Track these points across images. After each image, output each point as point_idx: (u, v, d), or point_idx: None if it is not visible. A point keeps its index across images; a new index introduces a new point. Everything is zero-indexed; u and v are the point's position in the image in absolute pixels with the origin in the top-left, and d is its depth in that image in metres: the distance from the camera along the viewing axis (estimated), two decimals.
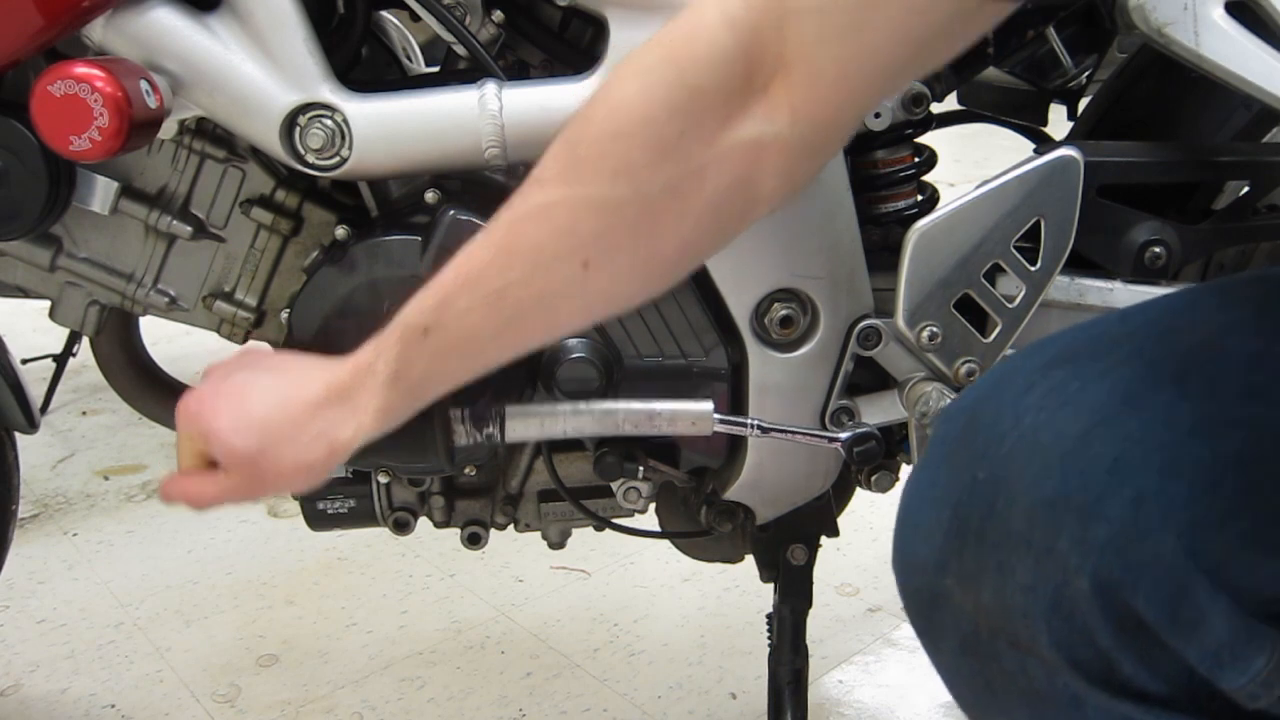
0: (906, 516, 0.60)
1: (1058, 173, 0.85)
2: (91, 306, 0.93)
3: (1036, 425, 0.53)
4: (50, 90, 0.73)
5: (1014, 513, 0.53)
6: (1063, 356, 0.57)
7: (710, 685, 1.38)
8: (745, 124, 0.60)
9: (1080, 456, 0.52)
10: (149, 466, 2.04)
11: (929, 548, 0.57)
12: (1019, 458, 0.53)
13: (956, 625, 0.57)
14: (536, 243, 0.63)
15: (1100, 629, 0.51)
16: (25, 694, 1.40)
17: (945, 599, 0.57)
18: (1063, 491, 0.51)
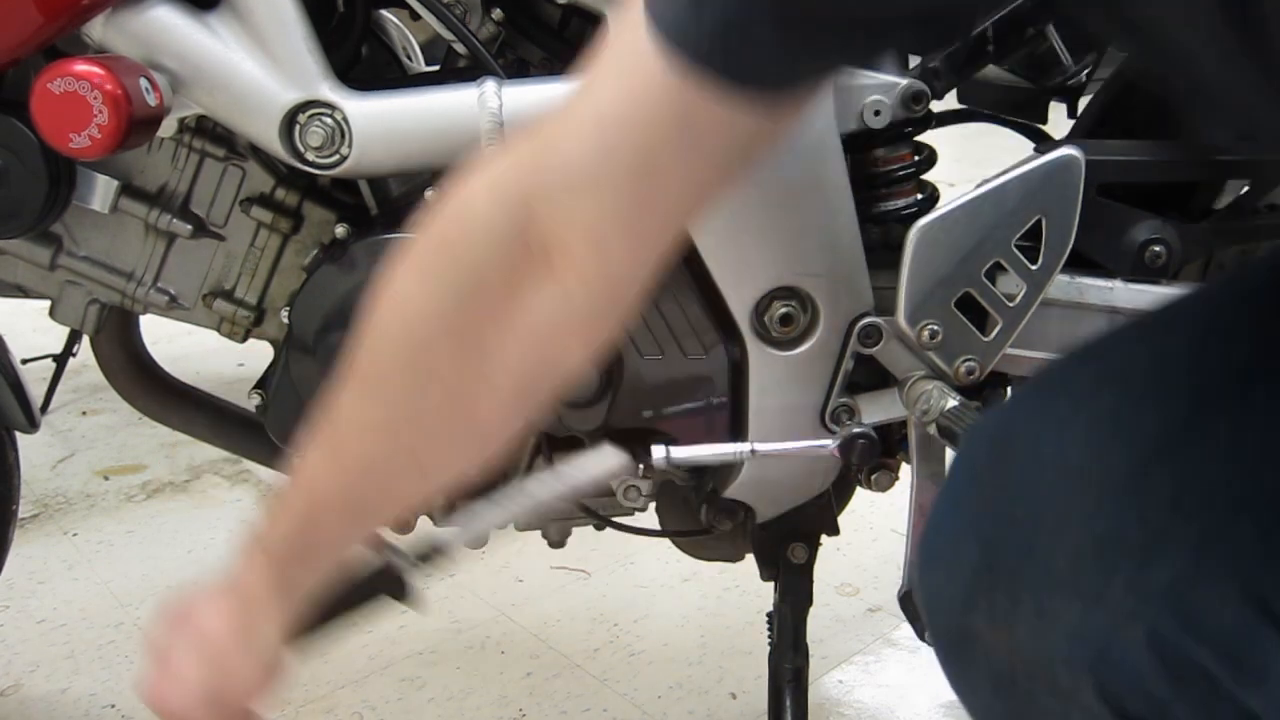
0: (930, 547, 0.56)
1: (1058, 172, 0.84)
2: (91, 305, 0.93)
3: (1085, 456, 0.49)
4: (50, 88, 0.73)
5: (1058, 552, 0.48)
6: (1112, 375, 0.52)
7: (710, 685, 1.38)
8: (535, 299, 0.58)
9: (1137, 491, 0.47)
10: (149, 466, 2.04)
11: (955, 585, 0.53)
12: (1064, 490, 0.49)
13: (989, 665, 0.53)
14: (368, 457, 0.64)
15: (1155, 680, 0.47)
16: (25, 694, 1.40)
17: (974, 640, 0.53)
18: (1118, 530, 0.47)
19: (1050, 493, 0.49)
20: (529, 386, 0.62)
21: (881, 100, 0.85)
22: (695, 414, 0.91)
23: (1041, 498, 0.49)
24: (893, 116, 0.85)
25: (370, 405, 0.64)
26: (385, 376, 0.63)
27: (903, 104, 0.85)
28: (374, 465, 0.64)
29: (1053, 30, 0.92)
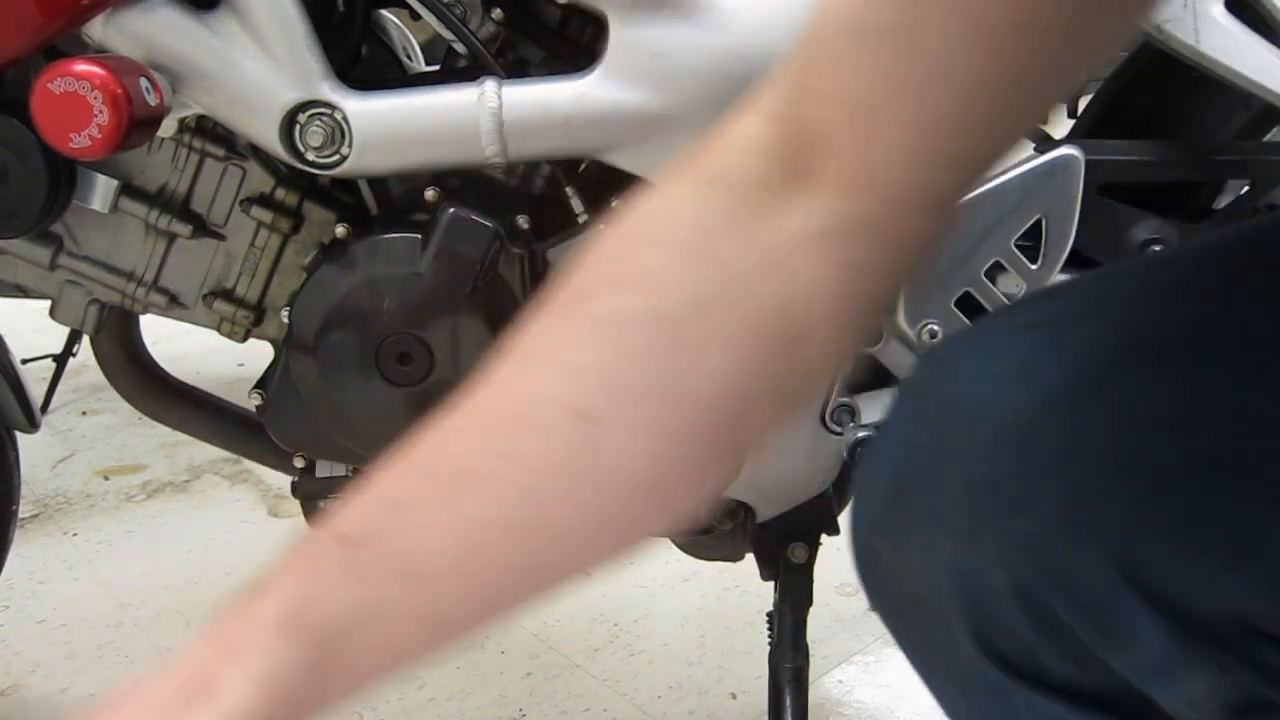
0: (868, 457, 0.54)
1: (1058, 171, 0.85)
2: (92, 305, 0.93)
3: (989, 397, 0.47)
4: (50, 88, 0.73)
5: (947, 489, 0.47)
6: (1044, 318, 0.49)
7: (710, 685, 1.38)
8: (787, 217, 0.44)
9: (1024, 440, 0.45)
10: (149, 466, 2.04)
11: (870, 503, 0.52)
12: (964, 429, 0.47)
13: (886, 587, 0.53)
14: (523, 399, 0.46)
15: (1022, 626, 0.46)
16: (25, 694, 1.40)
17: (877, 560, 0.52)
18: (995, 477, 0.46)
19: (953, 428, 0.48)
20: (758, 329, 0.45)
21: None
22: None
23: (946, 432, 0.48)
24: None
25: (551, 324, 0.48)
26: (582, 287, 0.48)
27: None
28: (529, 416, 0.46)
29: None
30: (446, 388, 0.88)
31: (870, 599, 0.55)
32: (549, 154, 0.84)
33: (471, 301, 0.86)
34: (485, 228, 0.86)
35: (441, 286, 0.86)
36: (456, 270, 0.85)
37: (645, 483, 0.46)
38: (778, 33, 0.81)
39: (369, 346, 0.87)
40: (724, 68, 0.81)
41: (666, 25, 0.81)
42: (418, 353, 0.87)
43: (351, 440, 0.91)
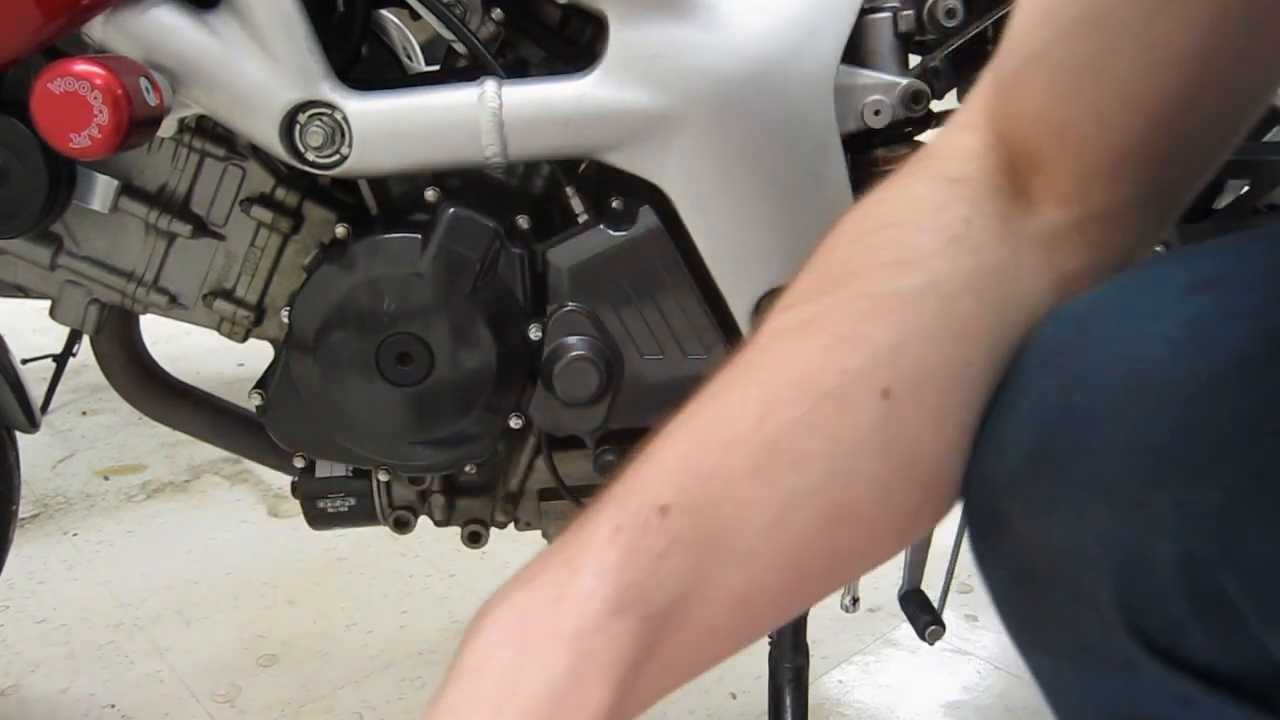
0: (993, 418, 0.51)
1: None
2: (92, 305, 0.93)
3: (1161, 359, 0.45)
4: (50, 88, 0.73)
5: (1109, 453, 0.45)
6: (1209, 279, 0.47)
7: (710, 685, 1.38)
8: (1019, 220, 0.49)
9: (1203, 407, 0.43)
10: (149, 466, 2.04)
11: (1002, 465, 0.49)
12: (1130, 394, 0.45)
13: (1013, 555, 0.50)
14: (828, 372, 0.46)
15: (1177, 599, 0.44)
16: (25, 694, 1.40)
17: (1005, 525, 0.50)
18: (1171, 444, 0.43)
19: (1116, 390, 0.45)
20: (1034, 299, 0.49)
21: (882, 100, 0.85)
22: None
23: (1107, 393, 0.46)
24: (893, 116, 0.85)
25: (827, 299, 0.49)
26: (844, 267, 0.49)
27: (903, 104, 0.85)
28: (817, 384, 0.46)
29: None
30: (446, 388, 0.88)
31: (984, 565, 0.53)
32: (549, 154, 0.84)
33: (471, 301, 0.86)
34: (485, 228, 0.86)
35: (441, 286, 0.86)
36: (456, 270, 0.85)
37: (925, 469, 0.47)
38: (777, 33, 0.81)
39: (369, 346, 0.87)
40: (724, 68, 0.81)
41: (666, 25, 0.81)
42: (418, 353, 0.87)
43: (351, 440, 0.91)
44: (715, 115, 0.82)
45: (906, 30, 0.87)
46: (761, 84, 0.81)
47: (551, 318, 0.87)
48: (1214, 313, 0.45)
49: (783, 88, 0.82)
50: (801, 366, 0.46)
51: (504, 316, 0.87)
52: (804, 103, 0.82)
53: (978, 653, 1.43)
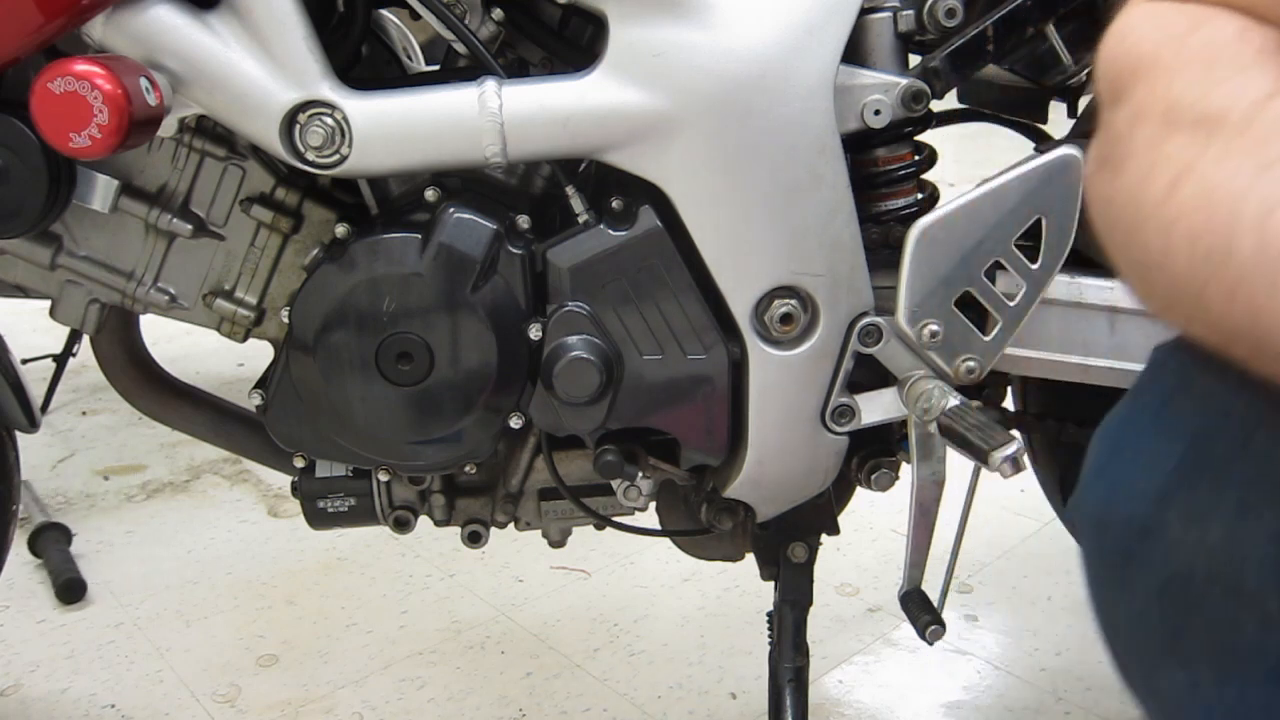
0: (1121, 441, 0.54)
1: (1058, 171, 0.85)
2: (92, 305, 0.93)
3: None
4: (50, 88, 0.73)
5: (1276, 449, 0.47)
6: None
7: (710, 685, 1.38)
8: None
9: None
10: (149, 466, 2.04)
11: (1152, 476, 0.51)
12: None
13: (1166, 563, 0.51)
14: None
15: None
16: (25, 694, 1.40)
17: (1160, 533, 0.51)
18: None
19: (1274, 390, 0.46)
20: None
21: (882, 100, 0.85)
22: (695, 413, 0.91)
23: (1265, 393, 0.47)
24: (893, 116, 0.85)
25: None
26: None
27: (903, 104, 0.85)
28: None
29: (1053, 30, 0.92)
30: (446, 387, 0.88)
31: (1120, 580, 0.54)
32: (549, 154, 0.84)
33: (471, 301, 0.86)
34: (485, 228, 0.86)
35: (441, 286, 0.86)
36: (456, 270, 0.85)
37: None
38: (777, 33, 0.81)
39: (369, 346, 0.87)
40: (724, 68, 0.81)
41: (666, 25, 0.81)
42: (418, 353, 0.87)
43: (352, 440, 0.91)
44: (715, 115, 0.82)
45: (906, 30, 0.87)
46: (761, 84, 0.81)
47: (551, 318, 0.87)
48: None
49: (782, 87, 0.82)
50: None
51: (504, 316, 0.87)
52: (804, 102, 0.82)
53: (978, 653, 1.43)
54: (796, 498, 0.96)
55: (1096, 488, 0.54)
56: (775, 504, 0.96)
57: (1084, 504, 0.55)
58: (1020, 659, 1.42)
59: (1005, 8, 0.89)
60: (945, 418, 0.84)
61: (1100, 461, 0.55)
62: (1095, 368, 0.93)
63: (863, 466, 0.99)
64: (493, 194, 0.90)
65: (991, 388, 1.01)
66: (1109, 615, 0.56)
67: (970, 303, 0.87)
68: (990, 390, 1.01)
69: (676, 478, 0.98)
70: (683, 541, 1.08)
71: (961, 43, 0.87)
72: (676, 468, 0.96)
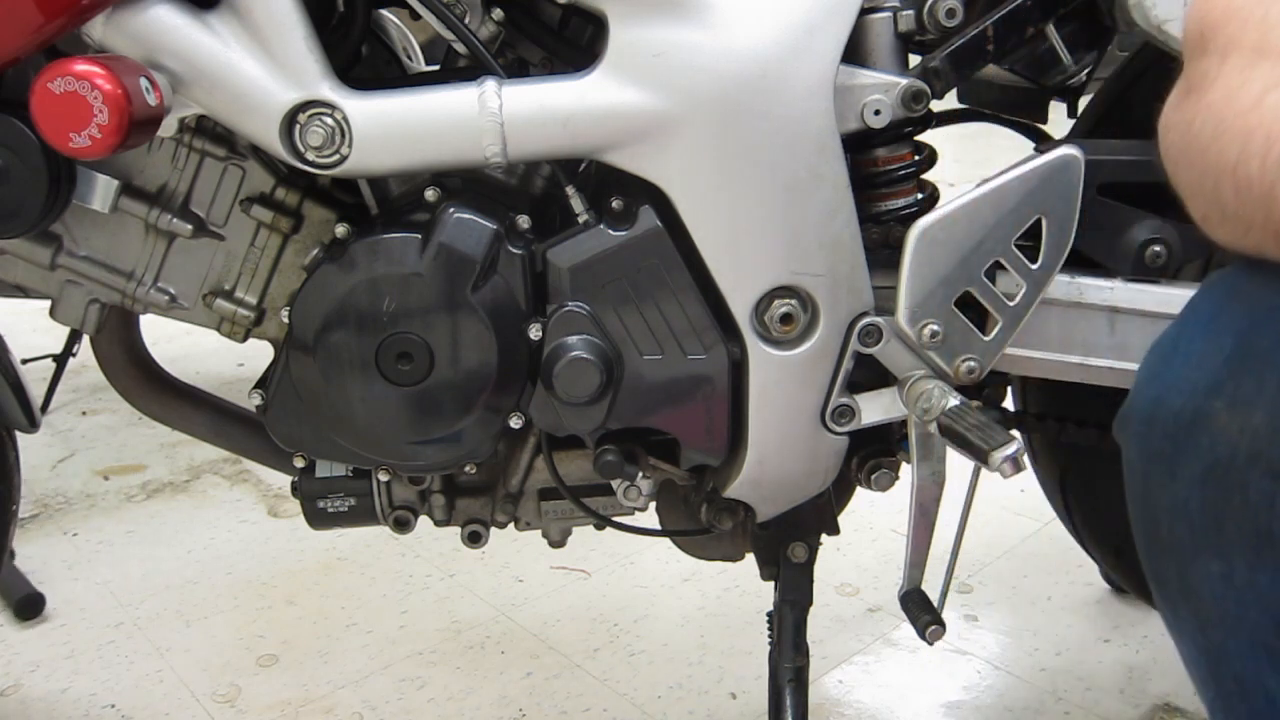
0: (1173, 349, 0.57)
1: (1058, 171, 0.85)
2: (92, 305, 0.93)
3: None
4: (50, 87, 0.73)
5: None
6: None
7: (710, 685, 1.38)
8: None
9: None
10: (149, 466, 2.04)
11: (1202, 372, 0.55)
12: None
13: (1211, 449, 0.54)
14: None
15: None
16: (25, 694, 1.40)
17: (1207, 421, 0.54)
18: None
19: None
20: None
21: (881, 100, 0.85)
22: (695, 413, 0.91)
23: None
24: (893, 116, 0.85)
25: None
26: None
27: (903, 103, 0.85)
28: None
29: (1053, 30, 0.92)
30: (446, 387, 0.88)
31: (1166, 470, 0.57)
32: (549, 154, 0.84)
33: (471, 301, 0.86)
34: (485, 228, 0.86)
35: (441, 286, 0.86)
36: (456, 270, 0.85)
37: None
38: (777, 33, 0.81)
39: (369, 346, 0.87)
40: (724, 67, 0.81)
41: (666, 25, 0.81)
42: (418, 353, 0.87)
43: (351, 440, 0.91)
44: (715, 115, 0.82)
45: (906, 30, 0.87)
46: (761, 84, 0.81)
47: (551, 318, 0.87)
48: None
49: (782, 87, 0.82)
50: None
51: (504, 316, 0.87)
52: (804, 102, 0.82)
53: (978, 653, 1.43)
54: (796, 498, 0.96)
55: (1147, 390, 0.57)
56: (775, 504, 0.96)
57: (1133, 407, 0.58)
58: (1020, 659, 1.42)
59: (1005, 8, 0.89)
60: (945, 418, 0.84)
61: (1151, 369, 0.58)
62: (1095, 368, 0.93)
63: (863, 466, 0.99)
64: (493, 194, 0.90)
65: (991, 388, 1.01)
66: (1150, 511, 0.58)
67: (970, 303, 0.87)
68: (990, 390, 1.01)
69: (676, 478, 0.98)
70: (683, 541, 1.08)
71: (961, 43, 0.87)
72: (676, 468, 0.96)
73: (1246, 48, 0.55)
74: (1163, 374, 0.57)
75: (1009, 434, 0.79)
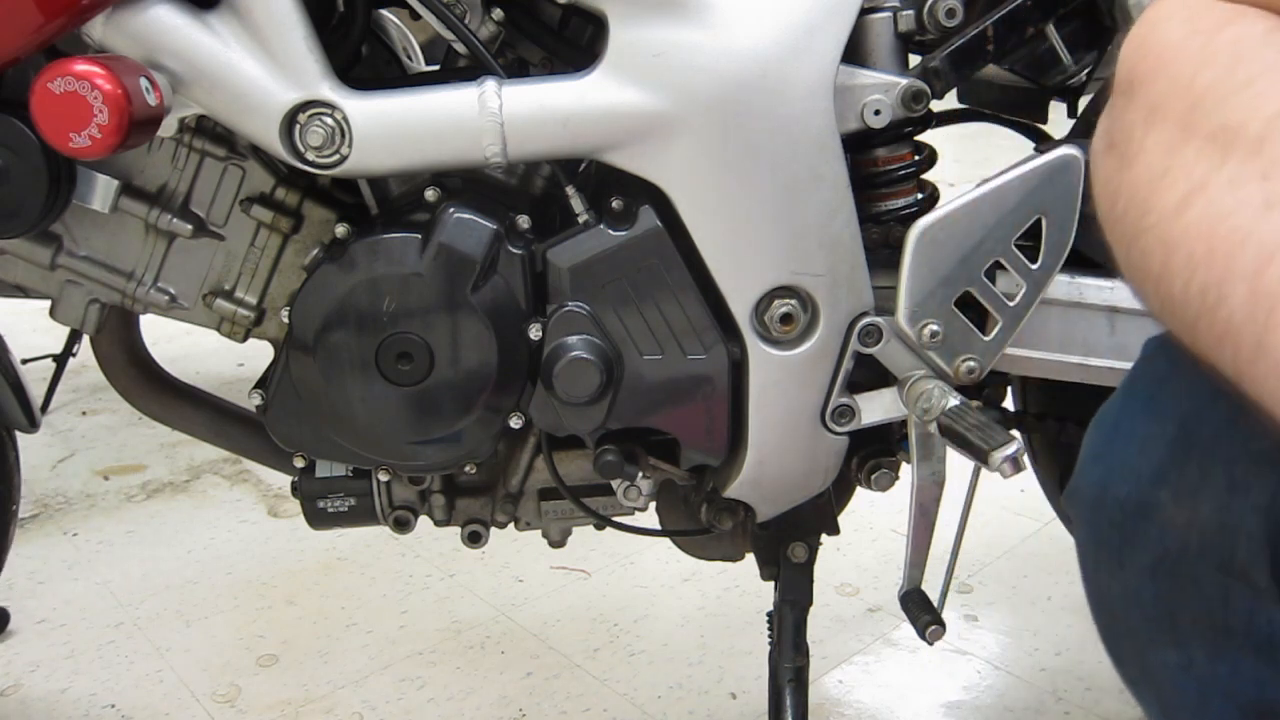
0: (1116, 427, 0.56)
1: (1058, 171, 0.85)
2: (92, 305, 0.93)
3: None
4: (50, 88, 0.73)
5: (1259, 428, 0.47)
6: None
7: (710, 685, 1.38)
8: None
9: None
10: (149, 466, 2.04)
11: (1145, 458, 0.53)
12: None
13: (1159, 541, 0.53)
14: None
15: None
16: (25, 694, 1.40)
17: (1153, 512, 0.53)
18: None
19: (1260, 380, 0.47)
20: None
21: (881, 100, 0.85)
22: (695, 413, 0.91)
23: (1253, 384, 0.47)
24: (893, 116, 0.85)
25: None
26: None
27: (903, 103, 0.85)
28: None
29: (1053, 30, 0.92)
30: (446, 387, 0.88)
31: (1114, 560, 0.56)
32: (549, 154, 0.84)
33: (471, 301, 0.86)
34: (485, 228, 0.86)
35: (441, 286, 0.86)
36: (456, 270, 0.85)
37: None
38: (777, 33, 0.81)
39: (369, 346, 0.87)
40: (724, 67, 0.81)
41: (666, 25, 0.81)
42: (418, 353, 0.87)
43: (352, 440, 0.91)
44: (715, 115, 0.82)
45: (906, 30, 0.87)
46: (761, 84, 0.81)
47: (551, 318, 0.87)
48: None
49: (783, 88, 0.82)
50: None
51: (504, 316, 0.87)
52: (804, 102, 0.82)
53: (978, 653, 1.43)
54: (796, 498, 0.96)
55: (1092, 472, 0.56)
56: (775, 504, 0.96)
57: (1080, 488, 0.57)
58: (1020, 659, 1.42)
59: (1005, 8, 0.89)
60: (945, 418, 0.84)
61: (1096, 448, 0.56)
62: (1095, 368, 0.93)
63: (863, 466, 0.99)
64: (493, 194, 0.90)
65: (991, 388, 1.01)
66: (1103, 597, 0.57)
67: (970, 303, 0.87)
68: (990, 390, 1.01)
69: (676, 478, 0.98)
70: (683, 541, 1.08)
71: (961, 43, 0.87)
72: (676, 468, 0.96)
73: (1172, 120, 0.51)
74: (1107, 455, 0.56)
75: (1009, 434, 0.79)
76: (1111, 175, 0.54)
